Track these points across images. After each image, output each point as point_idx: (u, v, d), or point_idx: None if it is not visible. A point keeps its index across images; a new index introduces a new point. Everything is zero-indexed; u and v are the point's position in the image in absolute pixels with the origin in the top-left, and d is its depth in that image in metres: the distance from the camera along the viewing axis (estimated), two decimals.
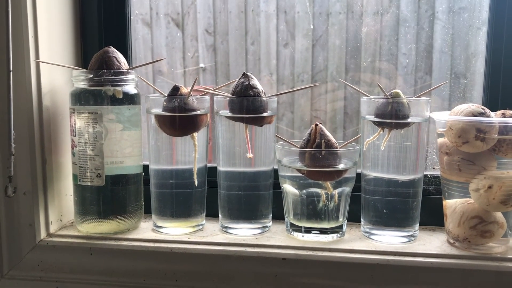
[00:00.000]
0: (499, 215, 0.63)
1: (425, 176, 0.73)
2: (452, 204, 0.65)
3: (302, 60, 1.81)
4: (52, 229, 0.70)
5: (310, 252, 0.64)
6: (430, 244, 0.66)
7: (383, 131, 0.66)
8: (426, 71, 1.52)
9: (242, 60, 1.91)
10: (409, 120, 0.65)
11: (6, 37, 0.62)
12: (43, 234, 0.69)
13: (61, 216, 0.72)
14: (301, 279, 0.63)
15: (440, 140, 0.65)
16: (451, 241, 0.66)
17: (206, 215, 0.73)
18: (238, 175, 0.68)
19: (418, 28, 1.54)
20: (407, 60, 1.57)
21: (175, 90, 0.67)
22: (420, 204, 0.68)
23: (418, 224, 0.68)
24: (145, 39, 1.94)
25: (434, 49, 1.50)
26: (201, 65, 1.94)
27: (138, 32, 1.88)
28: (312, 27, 1.56)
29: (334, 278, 0.62)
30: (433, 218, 0.72)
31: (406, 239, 0.67)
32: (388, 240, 0.67)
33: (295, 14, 1.81)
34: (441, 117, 0.64)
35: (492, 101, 0.71)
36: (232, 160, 0.68)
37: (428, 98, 0.66)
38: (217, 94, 0.69)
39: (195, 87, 0.67)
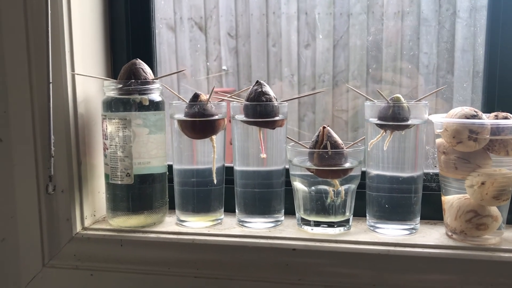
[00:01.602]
0: (493, 209, 0.68)
1: (427, 174, 0.78)
2: (450, 200, 0.70)
3: (323, 60, 1.85)
4: (87, 223, 0.78)
5: (318, 244, 0.70)
6: (430, 236, 0.71)
7: (385, 133, 0.72)
8: (448, 70, 1.55)
9: (263, 62, 1.97)
10: (409, 122, 0.71)
11: (47, 53, 0.70)
12: (78, 228, 0.77)
13: (94, 212, 0.80)
14: (310, 267, 0.69)
15: (438, 140, 0.71)
16: (449, 233, 0.71)
17: (225, 211, 0.80)
18: (253, 173, 0.75)
19: (439, 27, 1.57)
20: (428, 59, 1.61)
21: (195, 97, 0.75)
22: (421, 200, 0.73)
23: (419, 218, 0.73)
24: (170, 43, 2.01)
25: (456, 48, 1.53)
26: (224, 67, 2.01)
27: (162, 36, 1.96)
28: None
29: (340, 266, 0.68)
30: (435, 213, 0.77)
31: (407, 232, 0.72)
32: (391, 233, 0.72)
33: (315, 16, 1.86)
34: (438, 119, 0.69)
35: (489, 103, 0.76)
36: (247, 160, 0.75)
37: (426, 102, 0.71)
38: (233, 101, 0.75)
39: (214, 92, 0.74)
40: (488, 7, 0.76)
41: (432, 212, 0.78)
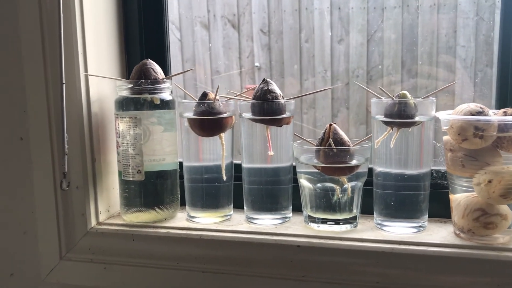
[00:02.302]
0: (503, 208, 0.66)
1: (438, 171, 0.77)
2: (458, 198, 0.69)
3: (357, 55, 1.84)
4: (102, 218, 0.81)
5: (322, 241, 0.70)
6: (437, 234, 0.70)
7: (392, 130, 0.71)
8: (486, 63, 1.50)
9: (296, 58, 1.97)
10: (415, 119, 0.70)
11: (59, 54, 0.73)
12: (93, 222, 0.80)
13: (109, 207, 0.83)
14: (314, 264, 0.70)
15: (445, 137, 0.70)
16: (457, 232, 0.70)
17: (237, 207, 0.81)
18: (260, 171, 0.76)
19: (478, 19, 1.52)
20: (466, 53, 1.56)
21: (204, 96, 0.76)
22: (429, 197, 0.72)
23: (426, 216, 0.72)
24: (204, 40, 2.04)
25: (495, 41, 1.48)
26: (256, 64, 2.02)
27: (196, 34, 2.00)
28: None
29: (343, 264, 0.69)
30: (446, 211, 0.76)
31: (415, 230, 0.72)
32: (397, 231, 0.72)
33: (349, 10, 1.84)
34: (444, 116, 0.68)
35: (502, 98, 0.74)
36: (254, 157, 0.76)
37: (433, 99, 0.70)
38: (240, 99, 0.76)
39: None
40: (501, 2, 0.74)
41: (443, 210, 0.76)
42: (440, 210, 0.77)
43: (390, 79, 1.74)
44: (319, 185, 0.73)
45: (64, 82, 0.73)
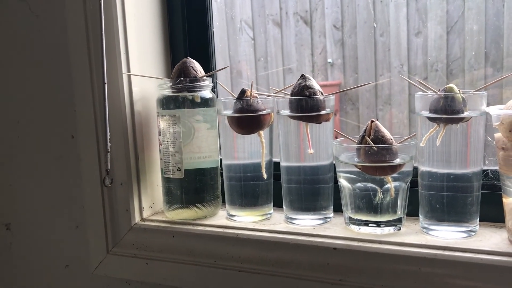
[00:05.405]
0: None
1: (495, 171, 0.71)
2: (511, 201, 0.63)
3: (436, 48, 1.75)
4: (145, 214, 0.83)
5: (360, 244, 0.67)
6: (488, 240, 0.64)
7: (438, 127, 0.66)
8: None
9: (370, 53, 1.91)
10: (462, 115, 0.64)
11: (101, 54, 0.75)
12: (137, 218, 0.81)
13: (152, 204, 0.84)
14: (351, 268, 0.66)
15: (497, 135, 0.63)
16: (511, 238, 0.63)
17: (278, 206, 0.79)
18: (297, 169, 0.74)
19: None
20: None
21: (242, 93, 0.75)
22: (479, 200, 0.66)
23: (477, 220, 0.67)
24: (276, 38, 2.04)
25: None
26: (329, 60, 1.99)
27: (269, 32, 2.00)
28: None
29: (381, 268, 0.65)
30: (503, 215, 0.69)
31: (464, 235, 0.66)
32: (444, 235, 0.66)
33: (426, 1, 1.76)
34: (494, 111, 0.62)
35: None
36: (291, 155, 0.74)
37: (484, 92, 0.64)
38: (277, 96, 0.74)
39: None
40: None
41: (501, 214, 0.70)
42: (498, 214, 0.70)
43: (473, 73, 1.63)
44: (359, 185, 0.69)
45: (106, 82, 0.75)
